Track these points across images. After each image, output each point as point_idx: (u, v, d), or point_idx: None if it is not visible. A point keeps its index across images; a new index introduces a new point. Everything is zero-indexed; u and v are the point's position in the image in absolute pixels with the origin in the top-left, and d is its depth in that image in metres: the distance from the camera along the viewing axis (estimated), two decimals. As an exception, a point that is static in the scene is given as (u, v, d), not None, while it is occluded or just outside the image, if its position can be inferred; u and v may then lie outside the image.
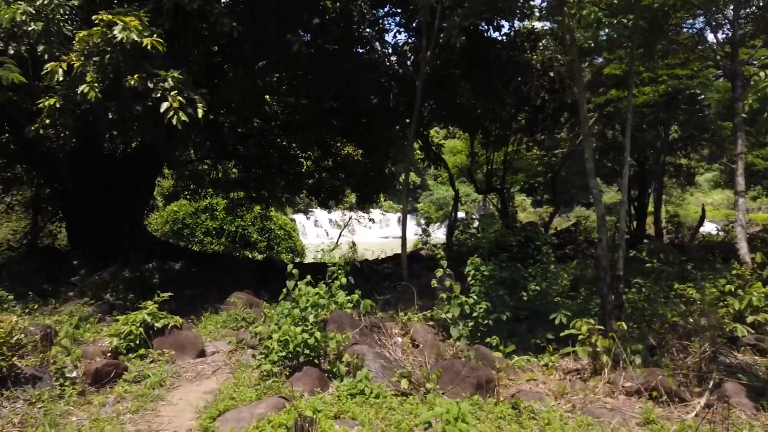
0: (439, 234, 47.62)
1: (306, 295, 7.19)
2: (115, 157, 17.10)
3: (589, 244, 15.70)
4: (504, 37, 14.60)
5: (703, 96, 14.68)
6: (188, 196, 23.70)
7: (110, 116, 9.49)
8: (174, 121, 8.59)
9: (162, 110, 8.64)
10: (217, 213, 27.15)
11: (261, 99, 20.99)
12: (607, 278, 7.98)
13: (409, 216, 45.51)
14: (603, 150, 19.08)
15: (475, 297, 7.72)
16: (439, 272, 8.34)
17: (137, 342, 7.40)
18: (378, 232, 48.42)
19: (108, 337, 7.45)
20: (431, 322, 8.53)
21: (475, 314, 7.57)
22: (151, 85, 8.90)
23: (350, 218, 31.48)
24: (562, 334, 7.01)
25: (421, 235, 31.64)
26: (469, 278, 8.43)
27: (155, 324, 7.64)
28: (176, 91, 8.85)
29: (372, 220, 31.84)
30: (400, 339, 8.02)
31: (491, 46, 14.06)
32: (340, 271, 9.15)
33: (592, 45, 14.14)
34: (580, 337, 6.77)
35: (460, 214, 53.50)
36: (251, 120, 21.06)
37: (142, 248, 15.72)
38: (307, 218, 51.29)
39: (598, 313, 8.16)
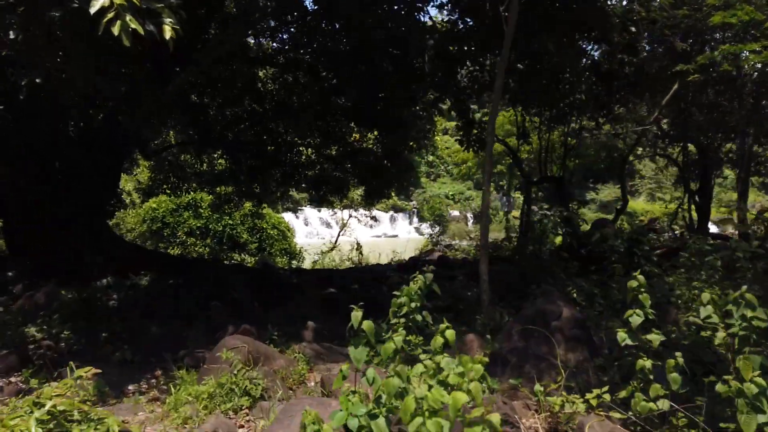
0: (432, 233, 43.53)
1: (432, 400, 2.87)
2: (67, 139, 12.62)
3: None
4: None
5: None
6: (168, 191, 19.21)
7: (12, 35, 5.16)
8: (115, 31, 4.30)
9: (93, 11, 4.34)
10: (201, 210, 22.61)
11: (253, 74, 16.74)
12: None
13: (401, 215, 41.39)
14: (663, 132, 15.01)
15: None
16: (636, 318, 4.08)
17: (14, 490, 3.08)
18: (369, 231, 44.20)
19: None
20: (616, 412, 4.28)
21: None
22: (76, -27, 4.62)
23: (350, 216, 27.22)
24: None
25: (431, 234, 27.55)
26: (735, 327, 3.88)
27: (60, 442, 3.30)
28: (121, -16, 4.56)
29: (374, 218, 27.59)
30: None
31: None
32: (415, 308, 4.95)
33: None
34: None
35: (454, 213, 49.65)
36: (241, 100, 16.76)
37: (102, 255, 11.33)
38: (296, 217, 46.86)
39: None
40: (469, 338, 6.15)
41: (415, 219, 50.89)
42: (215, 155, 19.08)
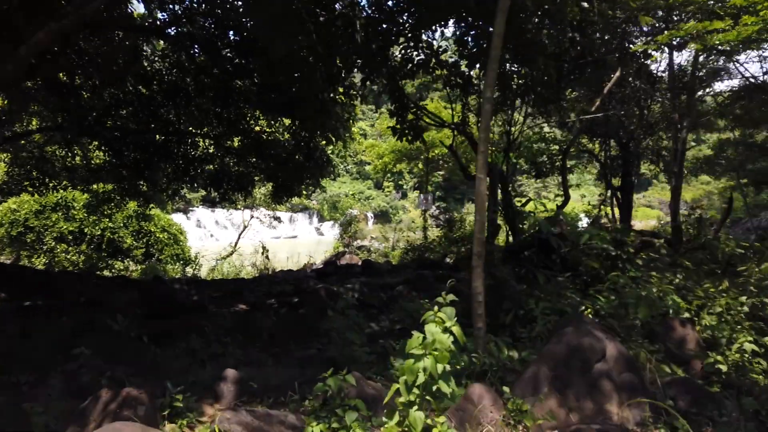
0: (333, 233, 41.28)
1: None
2: None
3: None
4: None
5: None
6: (30, 189, 15.51)
7: None
8: None
9: None
10: (74, 212, 18.80)
11: (137, 48, 13.71)
12: None
13: (301, 215, 38.99)
14: (592, 125, 13.87)
15: None
16: None
17: None
18: (268, 233, 41.33)
19: None
20: None
21: None
22: None
23: (252, 216, 24.30)
24: None
25: (341, 236, 25.16)
26: None
27: None
28: None
29: (278, 218, 24.87)
30: None
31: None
32: (443, 373, 2.82)
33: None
34: None
35: (354, 213, 47.64)
36: (123, 81, 13.68)
37: None
38: (188, 218, 42.74)
39: None
40: (476, 391, 4.07)
41: (316, 219, 48.41)
42: (91, 146, 15.75)
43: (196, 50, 13.58)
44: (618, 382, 3.99)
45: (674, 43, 10.29)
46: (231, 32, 13.03)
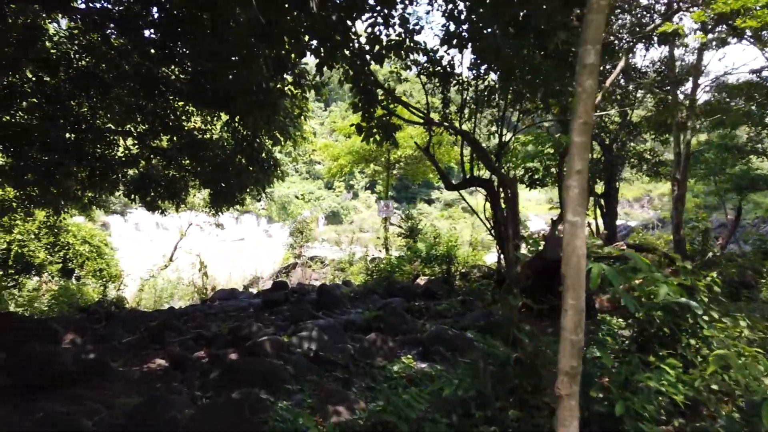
0: (280, 237, 38.44)
1: None
2: None
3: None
4: None
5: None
6: None
7: None
8: None
9: None
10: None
11: (35, 28, 10.88)
12: None
13: (248, 215, 35.78)
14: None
15: None
16: None
17: None
18: (213, 236, 38.01)
19: None
20: None
21: None
22: None
23: (189, 224, 21.39)
24: None
25: (292, 245, 22.24)
26: None
27: None
28: None
29: (221, 226, 22.03)
30: None
31: None
32: None
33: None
34: None
35: (305, 214, 44.82)
36: (18, 65, 10.87)
37: None
38: (125, 220, 39.04)
39: None
40: None
41: (264, 220, 45.36)
42: (-15, 146, 12.73)
43: (112, 30, 10.90)
44: None
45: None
46: (154, 8, 10.40)
